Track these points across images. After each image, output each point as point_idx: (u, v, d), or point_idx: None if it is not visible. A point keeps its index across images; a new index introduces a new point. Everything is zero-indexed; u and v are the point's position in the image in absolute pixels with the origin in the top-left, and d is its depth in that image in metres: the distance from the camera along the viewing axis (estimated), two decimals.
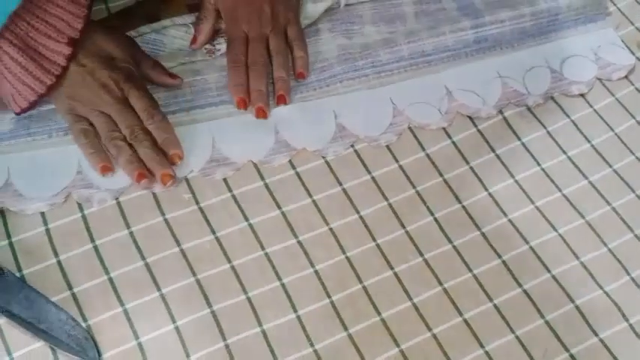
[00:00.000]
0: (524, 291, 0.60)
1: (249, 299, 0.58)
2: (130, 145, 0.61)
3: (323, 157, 0.65)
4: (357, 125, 0.67)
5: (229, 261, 0.59)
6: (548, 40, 0.75)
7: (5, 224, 0.59)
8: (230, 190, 0.62)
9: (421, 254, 0.61)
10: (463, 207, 0.64)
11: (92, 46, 0.62)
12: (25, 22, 0.58)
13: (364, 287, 0.59)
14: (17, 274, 0.56)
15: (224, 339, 0.56)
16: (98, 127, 0.62)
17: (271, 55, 0.69)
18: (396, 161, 0.66)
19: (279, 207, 0.62)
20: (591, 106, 0.72)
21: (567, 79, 0.72)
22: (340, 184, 0.64)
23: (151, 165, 0.61)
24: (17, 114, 0.61)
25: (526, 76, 0.72)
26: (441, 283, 0.60)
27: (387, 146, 0.67)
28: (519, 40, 0.74)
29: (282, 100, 0.67)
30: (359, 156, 0.66)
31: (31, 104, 0.61)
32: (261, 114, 0.66)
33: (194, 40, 0.69)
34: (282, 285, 0.59)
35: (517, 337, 0.58)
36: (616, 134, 0.70)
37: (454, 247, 0.62)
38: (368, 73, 0.70)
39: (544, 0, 0.75)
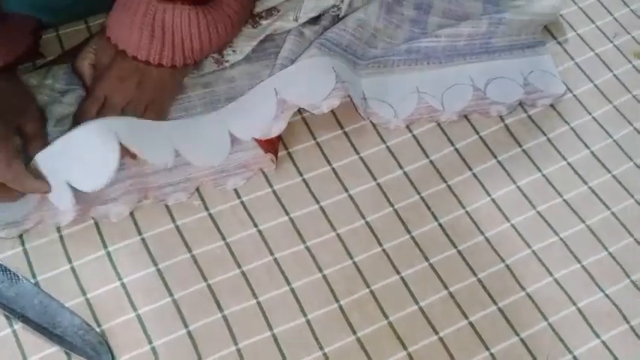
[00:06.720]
0: (528, 294, 0.62)
1: (259, 303, 0.59)
2: None
3: (329, 165, 0.66)
4: (298, 95, 0.65)
5: (239, 266, 0.60)
6: (479, 60, 0.73)
7: None
8: (239, 197, 0.64)
9: (427, 259, 0.63)
10: (467, 212, 0.65)
11: None
12: None
13: (371, 291, 0.60)
14: (32, 281, 0.58)
15: (235, 343, 0.57)
16: None
17: None
18: (401, 168, 0.67)
19: (287, 213, 0.63)
20: (590, 114, 0.73)
21: (488, 99, 0.71)
22: (346, 191, 0.65)
23: None
24: None
25: (445, 92, 0.71)
26: (446, 287, 0.61)
27: (392, 153, 0.68)
28: (448, 57, 0.73)
29: None
30: (364, 163, 0.67)
31: None
32: None
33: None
34: (292, 289, 0.60)
35: (521, 340, 0.60)
36: (615, 141, 0.72)
37: (459, 251, 0.63)
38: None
39: (487, 24, 0.73)
